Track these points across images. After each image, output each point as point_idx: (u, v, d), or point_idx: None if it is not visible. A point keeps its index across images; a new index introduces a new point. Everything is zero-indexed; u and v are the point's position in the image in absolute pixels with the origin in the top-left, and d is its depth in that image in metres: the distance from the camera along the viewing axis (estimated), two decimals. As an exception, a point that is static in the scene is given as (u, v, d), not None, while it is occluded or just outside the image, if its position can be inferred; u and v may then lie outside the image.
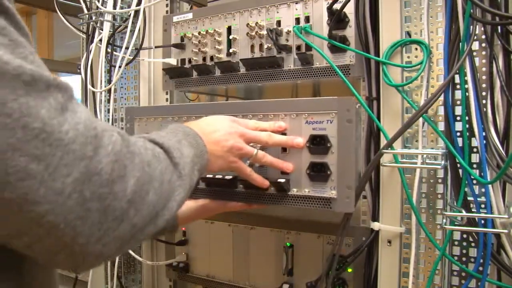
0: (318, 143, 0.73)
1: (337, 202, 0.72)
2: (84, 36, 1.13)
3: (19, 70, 0.32)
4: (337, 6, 0.83)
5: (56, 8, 1.11)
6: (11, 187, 0.31)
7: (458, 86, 0.72)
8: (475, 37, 0.71)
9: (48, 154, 0.32)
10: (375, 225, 0.79)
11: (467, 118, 0.70)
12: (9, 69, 0.31)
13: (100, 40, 1.06)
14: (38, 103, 0.32)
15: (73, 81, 1.32)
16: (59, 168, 0.33)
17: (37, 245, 0.35)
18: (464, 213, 0.68)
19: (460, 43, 0.67)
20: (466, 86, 0.68)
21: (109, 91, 1.10)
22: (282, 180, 0.74)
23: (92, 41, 1.07)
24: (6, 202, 0.32)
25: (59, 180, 0.33)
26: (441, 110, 0.74)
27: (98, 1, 1.04)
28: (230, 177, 0.78)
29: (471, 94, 0.68)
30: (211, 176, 0.79)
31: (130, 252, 1.15)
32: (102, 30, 1.05)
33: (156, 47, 1.11)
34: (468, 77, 0.68)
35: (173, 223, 0.76)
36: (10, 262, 0.40)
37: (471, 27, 0.66)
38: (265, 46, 0.93)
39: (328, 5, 0.85)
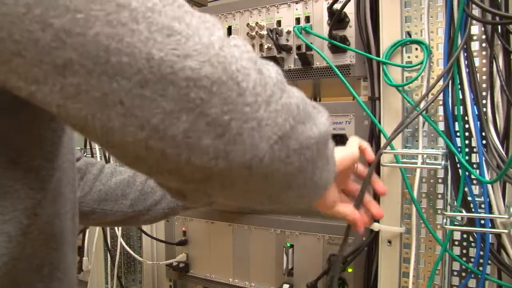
0: (337, 141, 0.76)
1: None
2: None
3: None
4: (337, 6, 0.83)
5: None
6: (159, 45, 0.29)
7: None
8: (475, 37, 0.71)
9: (184, 17, 0.30)
10: (375, 226, 0.79)
11: (466, 118, 0.70)
12: None
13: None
14: None
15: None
16: (200, 29, 0.31)
17: (202, 119, 0.30)
18: (464, 213, 0.68)
19: (454, 39, 0.67)
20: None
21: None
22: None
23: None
24: (157, 62, 0.29)
25: (205, 36, 0.30)
26: (441, 110, 0.74)
27: (98, 1, 1.04)
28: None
29: (467, 94, 0.68)
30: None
31: (130, 252, 1.15)
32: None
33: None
34: (464, 76, 0.68)
35: None
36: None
37: (467, 23, 0.66)
38: (265, 46, 0.93)
39: (328, 5, 0.85)
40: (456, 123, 0.71)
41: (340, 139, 0.83)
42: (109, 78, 0.28)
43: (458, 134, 0.70)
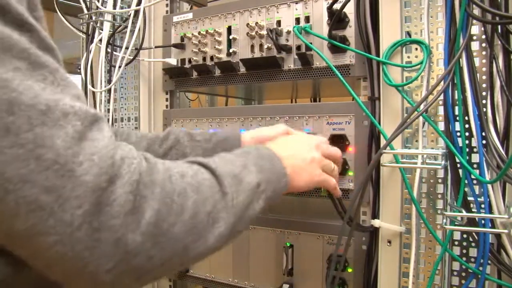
0: (337, 141, 0.84)
1: (354, 193, 0.78)
2: (84, 36, 1.13)
3: (34, 100, 0.32)
4: (337, 6, 0.83)
5: (56, 8, 1.11)
6: (21, 219, 0.32)
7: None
8: (475, 37, 0.71)
9: (59, 186, 0.32)
10: (376, 222, 0.79)
11: (466, 118, 0.70)
12: (24, 100, 0.31)
13: (100, 40, 1.06)
14: (53, 133, 0.32)
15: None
16: (69, 200, 0.32)
17: (53, 268, 0.35)
18: (464, 213, 0.68)
19: (456, 39, 0.67)
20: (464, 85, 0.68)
21: (109, 91, 1.10)
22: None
23: (92, 41, 1.07)
24: (15, 233, 0.32)
25: (68, 212, 0.32)
26: (441, 110, 0.74)
27: (98, 1, 1.04)
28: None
29: (469, 94, 0.68)
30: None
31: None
32: (102, 30, 1.05)
33: (156, 47, 1.11)
34: (465, 76, 0.68)
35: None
36: None
37: (468, 23, 0.66)
38: (265, 46, 0.93)
39: (328, 5, 0.85)
40: (456, 123, 0.71)
41: (340, 139, 0.84)
42: None
43: (458, 134, 0.70)
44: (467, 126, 0.70)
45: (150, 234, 0.36)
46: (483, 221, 0.68)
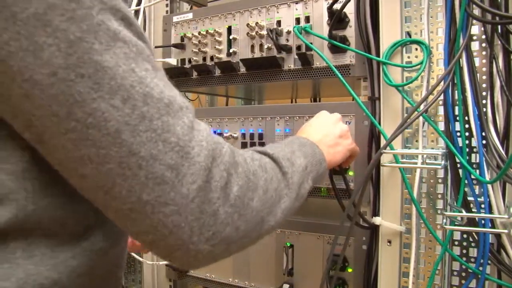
0: None
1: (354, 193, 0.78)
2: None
3: (161, 95, 0.39)
4: (337, 6, 0.83)
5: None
6: (149, 190, 0.37)
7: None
8: (475, 37, 0.71)
9: (179, 164, 0.38)
10: (377, 220, 0.79)
11: (466, 118, 0.70)
12: (154, 94, 0.38)
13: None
14: (175, 122, 0.39)
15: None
16: (186, 176, 0.38)
17: (161, 243, 0.40)
18: (464, 213, 0.68)
19: (456, 39, 0.67)
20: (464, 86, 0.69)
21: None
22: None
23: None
24: (143, 203, 0.38)
25: (185, 186, 0.38)
26: (441, 110, 0.74)
27: (98, 1, 1.04)
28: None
29: (469, 94, 0.68)
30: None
31: (130, 252, 1.15)
32: (102, 30, 1.05)
33: (156, 47, 1.11)
34: (465, 76, 0.68)
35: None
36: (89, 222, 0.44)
37: (468, 23, 0.66)
38: (265, 46, 0.93)
39: (328, 5, 0.85)
40: (456, 123, 0.71)
41: None
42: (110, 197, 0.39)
43: (458, 134, 0.70)
44: (467, 126, 0.70)
45: (237, 207, 0.43)
46: (483, 221, 0.68)
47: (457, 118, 0.71)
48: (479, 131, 0.67)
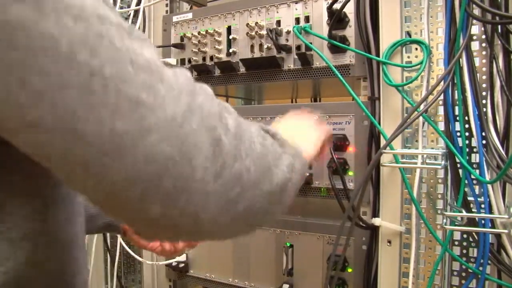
0: (337, 141, 0.85)
1: (354, 193, 0.78)
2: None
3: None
4: (337, 6, 0.83)
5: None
6: (124, 117, 0.29)
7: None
8: (475, 37, 0.71)
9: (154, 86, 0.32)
10: (376, 221, 0.79)
11: (466, 118, 0.70)
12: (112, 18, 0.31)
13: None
14: (142, 45, 0.33)
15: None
16: (166, 98, 0.31)
17: (154, 190, 0.31)
18: (464, 213, 0.68)
19: (456, 39, 0.67)
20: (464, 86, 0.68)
21: (109, 91, 1.10)
22: (307, 174, 0.80)
23: (91, 41, 1.07)
24: (119, 134, 0.30)
25: (169, 108, 0.31)
26: (441, 110, 0.74)
27: (98, 1, 1.04)
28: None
29: (469, 94, 0.68)
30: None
31: (130, 252, 1.15)
32: (102, 30, 1.05)
33: (156, 47, 1.11)
34: (465, 76, 0.68)
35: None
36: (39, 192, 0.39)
37: (468, 23, 0.66)
38: (265, 46, 0.93)
39: (328, 5, 0.84)
40: (456, 123, 0.71)
41: (340, 140, 0.85)
42: (75, 140, 0.29)
43: (458, 134, 0.70)
44: (467, 126, 0.70)
45: (240, 140, 0.36)
46: (483, 221, 0.68)
47: (457, 118, 0.71)
48: (479, 131, 0.67)
